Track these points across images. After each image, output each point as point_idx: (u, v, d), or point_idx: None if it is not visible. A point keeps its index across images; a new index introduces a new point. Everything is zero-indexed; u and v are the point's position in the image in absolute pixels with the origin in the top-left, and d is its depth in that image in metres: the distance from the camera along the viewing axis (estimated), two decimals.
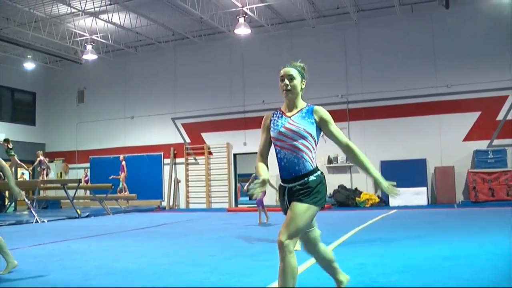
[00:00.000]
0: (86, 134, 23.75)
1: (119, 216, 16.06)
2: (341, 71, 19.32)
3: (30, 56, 22.48)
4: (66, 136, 24.32)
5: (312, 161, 3.47)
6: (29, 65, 22.72)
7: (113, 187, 17.60)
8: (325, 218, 12.00)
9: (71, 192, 16.30)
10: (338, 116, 18.66)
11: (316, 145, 3.51)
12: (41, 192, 19.06)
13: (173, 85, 21.95)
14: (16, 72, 23.06)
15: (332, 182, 18.51)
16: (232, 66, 20.66)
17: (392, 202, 17.31)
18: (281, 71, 3.59)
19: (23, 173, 21.67)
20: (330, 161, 18.87)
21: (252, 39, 19.98)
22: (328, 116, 3.52)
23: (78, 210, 15.44)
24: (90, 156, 23.46)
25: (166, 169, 21.80)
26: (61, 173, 23.77)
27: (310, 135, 3.46)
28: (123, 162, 19.80)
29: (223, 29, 18.99)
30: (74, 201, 16.46)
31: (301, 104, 3.61)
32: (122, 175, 19.76)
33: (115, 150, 22.71)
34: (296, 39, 19.93)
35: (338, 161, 18.85)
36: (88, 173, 22.56)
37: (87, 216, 15.55)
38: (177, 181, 21.43)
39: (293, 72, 3.56)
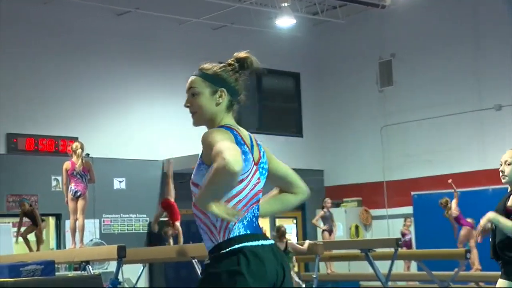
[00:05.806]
0: (399, 148, 23.05)
1: None
2: None
3: (286, 4, 22.09)
4: (361, 156, 23.96)
5: (211, 234, 3.89)
6: (285, 21, 22.60)
7: (468, 253, 16.42)
8: None
9: (381, 265, 16.18)
10: None
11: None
12: (325, 265, 19.90)
13: None
14: (261, 36, 22.97)
15: None
16: None
17: None
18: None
19: None
20: None
21: None
22: (205, 142, 3.82)
23: None
24: (411, 192, 22.30)
25: None
26: (356, 226, 24.12)
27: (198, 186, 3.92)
28: (455, 207, 18.47)
29: None
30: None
31: None
32: (468, 231, 18.17)
33: (464, 176, 20.76)
34: None
35: None
36: (411, 227, 21.20)
37: None
38: None
39: (194, 82, 4.07)
